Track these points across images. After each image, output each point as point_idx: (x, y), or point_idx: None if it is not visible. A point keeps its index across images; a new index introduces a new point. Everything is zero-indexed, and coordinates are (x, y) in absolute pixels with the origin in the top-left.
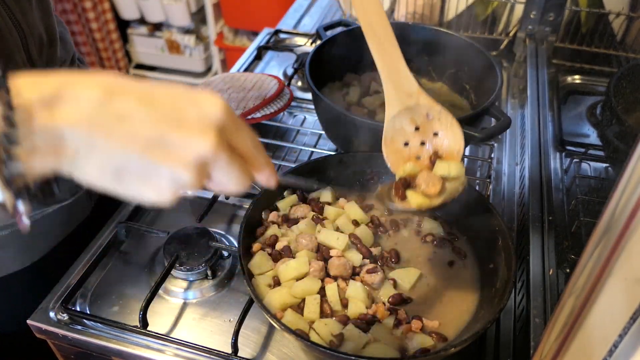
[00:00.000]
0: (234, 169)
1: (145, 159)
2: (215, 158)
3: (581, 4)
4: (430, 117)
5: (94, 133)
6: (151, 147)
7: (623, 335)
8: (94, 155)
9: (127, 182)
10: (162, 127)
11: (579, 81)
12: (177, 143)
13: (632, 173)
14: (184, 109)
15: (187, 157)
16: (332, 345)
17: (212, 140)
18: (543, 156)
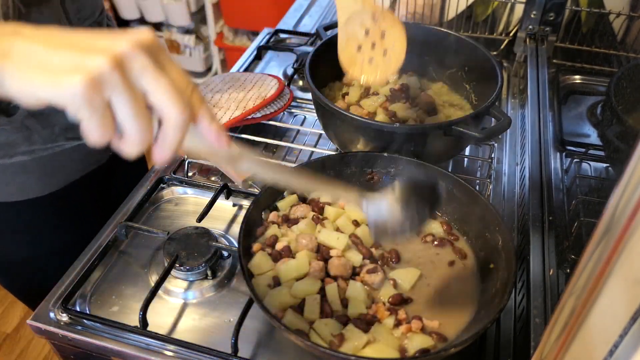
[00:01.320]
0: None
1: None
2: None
3: (581, 4)
4: (376, 18)
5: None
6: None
7: (623, 335)
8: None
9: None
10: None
11: (579, 81)
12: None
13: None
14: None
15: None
16: (332, 346)
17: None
18: (543, 156)
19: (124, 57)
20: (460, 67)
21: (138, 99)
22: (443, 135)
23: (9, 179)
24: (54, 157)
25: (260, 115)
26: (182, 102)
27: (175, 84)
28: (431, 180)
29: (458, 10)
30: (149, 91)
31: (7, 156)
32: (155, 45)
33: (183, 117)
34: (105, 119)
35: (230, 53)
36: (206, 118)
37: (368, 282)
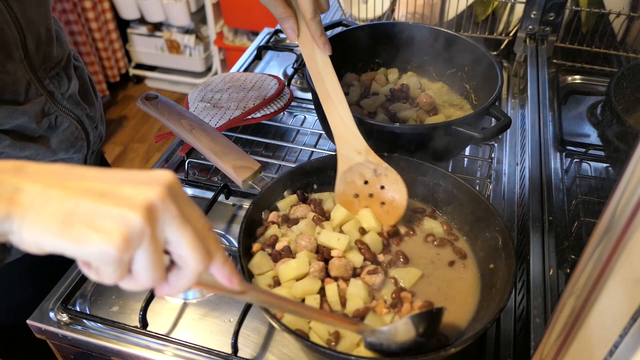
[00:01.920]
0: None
1: (96, 204)
2: (165, 205)
3: (581, 4)
4: (378, 173)
5: (50, 188)
6: (103, 195)
7: (623, 335)
8: (46, 205)
9: (74, 227)
10: (111, 182)
11: (579, 81)
12: (127, 192)
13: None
14: (134, 173)
15: (135, 199)
16: (329, 344)
17: (161, 189)
18: (543, 156)
19: (156, 209)
20: (460, 67)
21: (160, 250)
22: (443, 135)
23: None
24: None
25: (260, 115)
26: (203, 252)
27: (197, 232)
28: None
29: (458, 10)
30: (172, 242)
31: None
32: (178, 188)
33: (202, 267)
34: (124, 267)
35: (230, 53)
36: (220, 262)
37: (369, 283)
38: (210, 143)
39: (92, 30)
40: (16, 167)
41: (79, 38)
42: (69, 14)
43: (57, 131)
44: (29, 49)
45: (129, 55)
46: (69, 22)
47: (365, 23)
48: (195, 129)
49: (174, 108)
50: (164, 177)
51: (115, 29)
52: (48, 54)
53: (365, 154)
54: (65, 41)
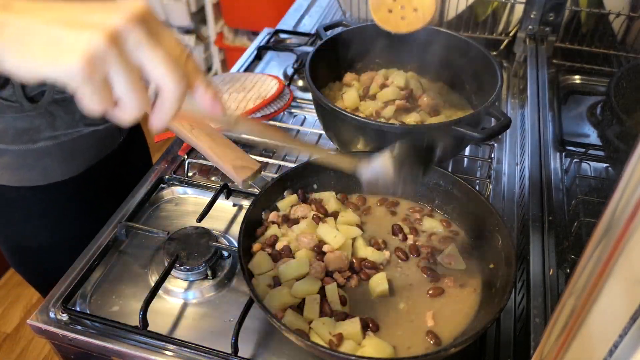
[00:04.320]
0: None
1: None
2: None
3: (581, 4)
4: None
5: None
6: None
7: (623, 335)
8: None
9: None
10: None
11: (579, 81)
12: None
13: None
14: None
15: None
16: (331, 345)
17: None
18: (543, 156)
19: (119, 32)
20: (461, 67)
21: (134, 72)
22: (443, 135)
23: (33, 164)
24: (74, 142)
25: (260, 115)
26: (178, 73)
27: (171, 55)
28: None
29: (458, 10)
30: (145, 64)
31: (31, 141)
32: (149, 15)
33: (179, 88)
34: (103, 91)
35: (230, 53)
36: (202, 86)
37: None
38: (210, 143)
39: None
40: (5, 3)
41: None
42: None
43: None
44: None
45: None
46: None
47: (365, 23)
48: (196, 129)
49: None
50: (133, 4)
51: None
52: None
53: None
54: None
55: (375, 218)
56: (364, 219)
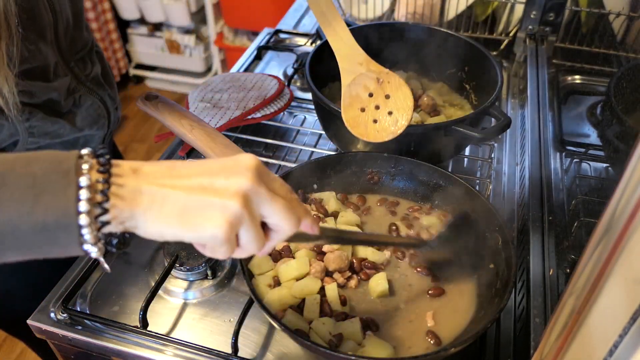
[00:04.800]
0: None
1: (201, 198)
2: (255, 189)
3: (581, 4)
4: (380, 82)
5: (164, 188)
6: (205, 189)
7: (623, 335)
8: (164, 204)
9: (190, 218)
10: (210, 176)
11: (579, 81)
12: (223, 183)
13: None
14: (224, 163)
15: (231, 189)
16: (331, 345)
17: (250, 175)
18: (543, 156)
19: (249, 195)
20: (460, 67)
21: (258, 225)
22: (443, 135)
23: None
24: None
25: (260, 115)
26: (294, 219)
27: (286, 203)
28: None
29: (458, 10)
30: (267, 216)
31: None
32: (262, 169)
33: (292, 230)
34: (233, 244)
35: (230, 53)
36: (308, 220)
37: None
38: (210, 143)
39: (92, 31)
40: (133, 169)
41: None
42: None
43: (81, 108)
44: (59, 33)
45: (129, 56)
46: None
47: (366, 23)
48: (195, 129)
49: (174, 108)
50: (249, 162)
51: (115, 29)
52: (74, 38)
53: (367, 63)
54: (88, 29)
55: (375, 218)
56: (363, 219)
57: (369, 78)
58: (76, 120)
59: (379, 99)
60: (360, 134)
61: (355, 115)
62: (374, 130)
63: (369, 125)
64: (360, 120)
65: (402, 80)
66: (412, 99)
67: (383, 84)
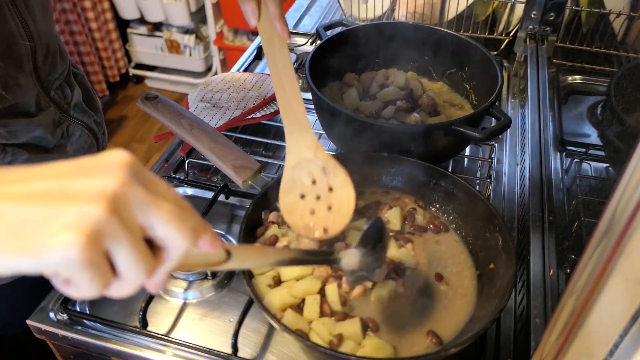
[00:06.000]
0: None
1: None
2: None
3: (582, 4)
4: (326, 172)
5: None
6: (51, 195)
7: (624, 335)
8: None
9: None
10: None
11: (579, 81)
12: (80, 186)
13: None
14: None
15: (92, 191)
16: (331, 345)
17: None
18: (543, 156)
19: (120, 197)
20: (460, 67)
21: (138, 238)
22: (443, 135)
23: None
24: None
25: (260, 115)
26: (187, 230)
27: (176, 209)
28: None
29: (458, 10)
30: (150, 227)
31: None
32: (138, 167)
33: (187, 245)
34: (103, 271)
35: (230, 53)
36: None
37: None
38: (210, 143)
39: (92, 30)
40: None
41: (79, 38)
42: (69, 14)
43: (71, 140)
44: (38, 62)
45: (128, 55)
46: (68, 22)
47: (365, 23)
48: (195, 129)
49: (174, 108)
50: (119, 158)
51: (115, 29)
52: (53, 66)
53: (315, 149)
54: (66, 52)
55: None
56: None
57: (315, 165)
58: (67, 151)
59: (321, 190)
60: (294, 224)
61: (293, 202)
62: (308, 223)
63: (305, 216)
64: (297, 207)
65: (349, 179)
66: (354, 202)
67: (329, 175)
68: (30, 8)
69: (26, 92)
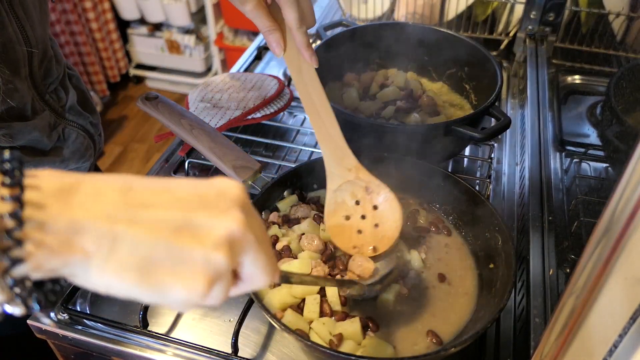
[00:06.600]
0: (263, 251)
1: (174, 244)
2: (245, 236)
3: (581, 4)
4: (369, 191)
5: (116, 225)
6: (179, 231)
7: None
8: (116, 250)
9: (155, 275)
10: (186, 210)
11: (579, 81)
12: (204, 224)
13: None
14: (203, 191)
15: (217, 235)
16: (331, 345)
17: (239, 217)
18: (543, 156)
19: (237, 243)
20: (460, 67)
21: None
22: (443, 135)
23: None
24: None
25: (260, 115)
26: (274, 271)
27: (271, 254)
28: None
29: (458, 10)
30: (245, 265)
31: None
32: (248, 204)
33: (268, 284)
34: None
35: (230, 53)
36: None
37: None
38: (210, 143)
39: (93, 31)
40: (62, 189)
41: (79, 38)
42: (69, 14)
43: (67, 143)
44: (34, 66)
45: (129, 56)
46: (69, 23)
47: (365, 23)
48: (195, 129)
49: (174, 108)
50: (236, 195)
51: (115, 29)
52: (48, 70)
53: (356, 170)
54: (61, 56)
55: None
56: None
57: (357, 186)
58: (64, 154)
59: (365, 209)
60: (342, 245)
61: (339, 224)
62: (357, 243)
63: (353, 237)
64: (344, 229)
65: (393, 195)
66: (401, 218)
67: (372, 194)
68: (28, 14)
69: (22, 96)
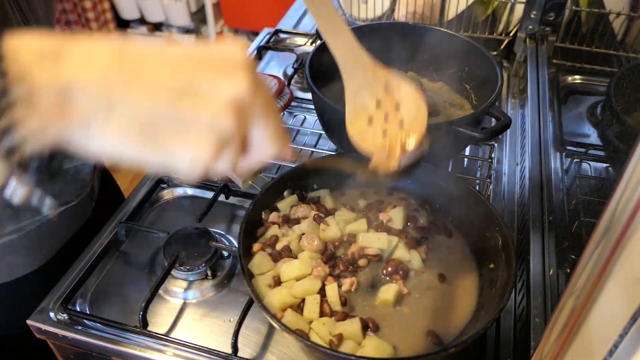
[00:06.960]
0: (272, 117)
1: (177, 108)
2: (252, 99)
3: (582, 4)
4: (389, 89)
5: (111, 87)
6: (181, 95)
7: (623, 335)
8: (114, 114)
9: (159, 140)
10: (187, 73)
11: (579, 81)
12: (208, 87)
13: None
14: (205, 55)
15: (223, 98)
16: (331, 345)
17: (246, 79)
18: (543, 156)
19: (244, 106)
20: (460, 67)
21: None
22: (443, 135)
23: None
24: (41, 229)
25: None
26: (283, 142)
27: (281, 121)
28: None
29: (458, 10)
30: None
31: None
32: (254, 67)
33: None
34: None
35: None
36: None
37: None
38: None
39: (93, 31)
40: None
41: None
42: (69, 14)
43: None
44: None
45: None
46: (69, 22)
47: (365, 23)
48: None
49: None
50: (241, 57)
51: (115, 29)
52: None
53: (373, 69)
54: None
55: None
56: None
57: (376, 85)
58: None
59: (388, 108)
60: (368, 150)
61: (362, 129)
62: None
63: (378, 139)
64: (367, 133)
65: (414, 88)
66: (425, 109)
67: (393, 91)
68: (32, 8)
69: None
